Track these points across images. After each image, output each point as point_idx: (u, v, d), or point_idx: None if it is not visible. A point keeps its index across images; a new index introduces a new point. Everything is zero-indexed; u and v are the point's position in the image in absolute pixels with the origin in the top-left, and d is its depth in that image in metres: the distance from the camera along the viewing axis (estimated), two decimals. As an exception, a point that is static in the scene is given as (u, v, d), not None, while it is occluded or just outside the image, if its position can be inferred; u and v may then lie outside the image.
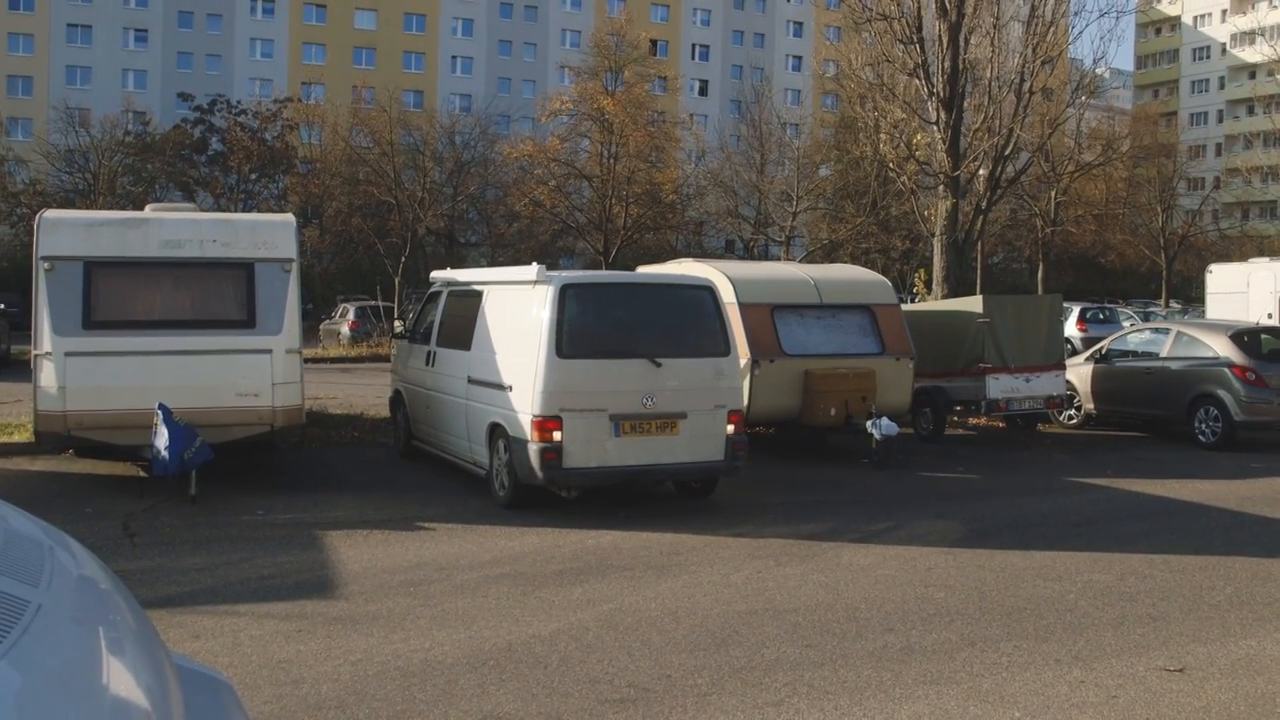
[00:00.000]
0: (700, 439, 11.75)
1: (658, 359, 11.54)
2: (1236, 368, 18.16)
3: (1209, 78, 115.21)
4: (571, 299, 11.53)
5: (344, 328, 40.35)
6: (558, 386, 11.19)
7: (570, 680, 6.78)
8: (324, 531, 10.84)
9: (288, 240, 13.30)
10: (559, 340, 11.27)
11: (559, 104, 58.83)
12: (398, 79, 76.10)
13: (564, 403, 11.20)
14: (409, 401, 15.25)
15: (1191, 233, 70.11)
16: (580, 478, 11.50)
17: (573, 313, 11.49)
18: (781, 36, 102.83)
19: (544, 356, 11.22)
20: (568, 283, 11.67)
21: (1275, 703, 6.61)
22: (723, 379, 11.96)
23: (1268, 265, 26.50)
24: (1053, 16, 25.59)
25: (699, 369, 11.85)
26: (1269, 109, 45.30)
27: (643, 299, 12.43)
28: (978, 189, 24.96)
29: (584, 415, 11.26)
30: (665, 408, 11.55)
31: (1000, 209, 50.24)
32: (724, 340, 12.10)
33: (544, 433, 11.15)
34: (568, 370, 11.27)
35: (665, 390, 11.54)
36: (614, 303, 12.21)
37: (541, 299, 11.53)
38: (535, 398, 11.21)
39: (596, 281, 12.79)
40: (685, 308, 12.29)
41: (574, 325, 11.45)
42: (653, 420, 11.51)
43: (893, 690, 6.71)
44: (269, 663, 7.01)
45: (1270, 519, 12.43)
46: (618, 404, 11.37)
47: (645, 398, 11.44)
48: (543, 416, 11.16)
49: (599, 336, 11.75)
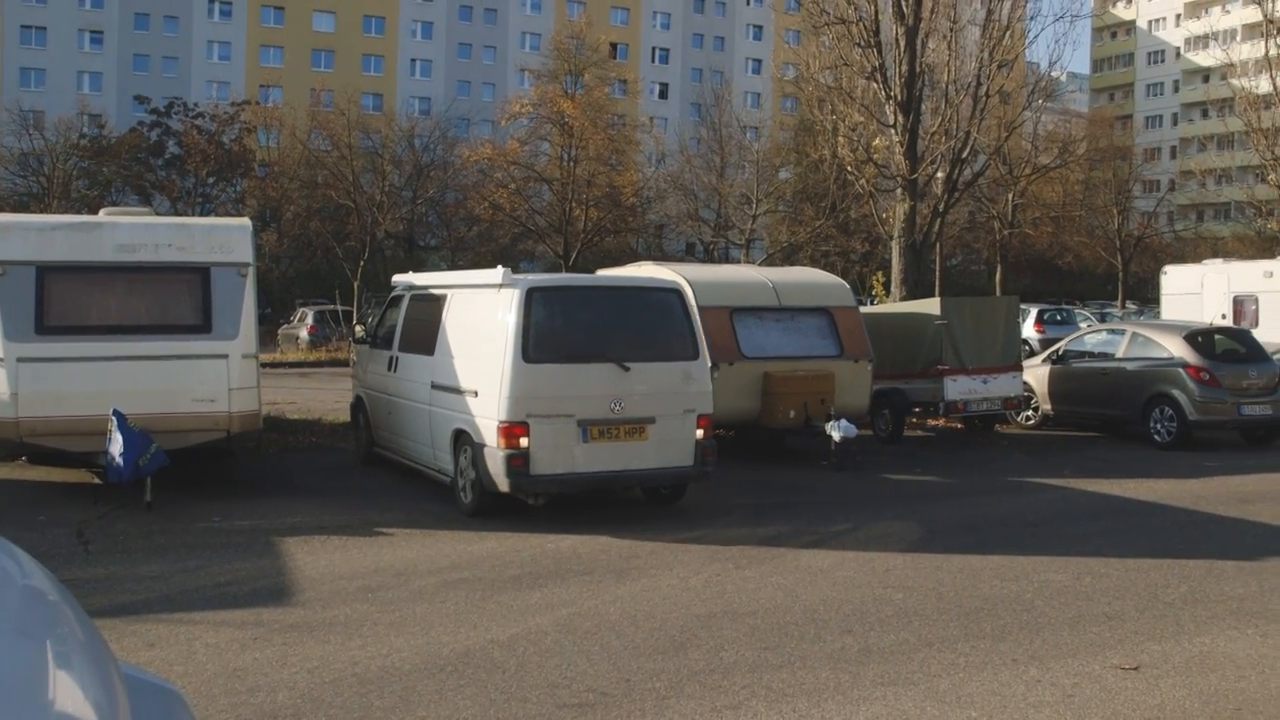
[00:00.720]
0: (669, 444, 11.59)
1: (626, 363, 11.38)
2: (1191, 368, 18.34)
3: (1164, 81, 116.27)
4: (538, 302, 11.34)
5: (302, 332, 40.22)
6: (524, 392, 11.01)
7: (528, 685, 6.76)
8: (281, 538, 10.77)
9: (244, 244, 13.21)
10: (525, 345, 11.09)
11: (519, 107, 58.79)
12: (356, 82, 75.73)
13: (531, 408, 11.01)
14: (370, 408, 15.01)
15: (1147, 234, 70.79)
16: (548, 484, 11.28)
17: (539, 316, 11.31)
18: (741, 40, 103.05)
19: (510, 361, 11.03)
20: (534, 286, 11.50)
21: (1228, 700, 6.67)
22: (692, 383, 11.78)
23: (1221, 267, 26.77)
24: (1009, 21, 25.79)
25: (667, 373, 11.69)
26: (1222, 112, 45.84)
27: (610, 302, 12.27)
28: (935, 191, 25.12)
29: (551, 421, 11.07)
30: (634, 413, 11.38)
31: (958, 211, 50.59)
32: (693, 344, 11.93)
33: (510, 439, 10.96)
34: (534, 375, 11.09)
35: (634, 395, 11.37)
36: (581, 306, 12.03)
37: (507, 302, 11.35)
38: (501, 403, 11.03)
39: (563, 285, 12.60)
40: (653, 311, 12.15)
41: (541, 329, 11.27)
42: (621, 425, 11.34)
43: (851, 692, 6.73)
44: (224, 671, 6.95)
45: (1224, 517, 12.55)
46: (585, 409, 11.20)
47: (613, 403, 11.27)
48: (509, 422, 10.97)
49: (566, 341, 11.59)
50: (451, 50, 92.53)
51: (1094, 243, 71.27)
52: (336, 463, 15.65)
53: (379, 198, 50.14)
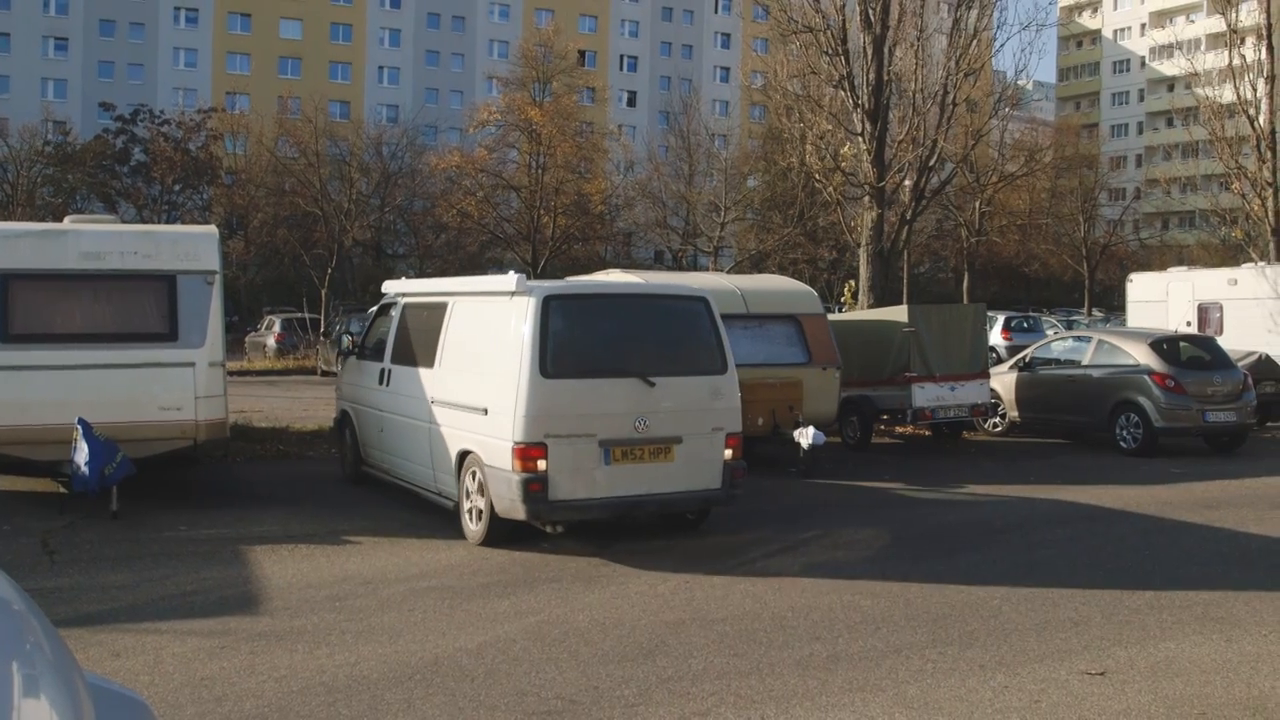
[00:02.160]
0: (696, 465, 10.77)
1: (651, 378, 10.53)
2: (1156, 375, 18.49)
3: (1129, 90, 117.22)
4: (555, 312, 10.41)
5: (270, 340, 40.07)
6: (542, 410, 10.08)
7: (497, 693, 6.75)
8: (248, 547, 10.71)
9: (210, 252, 13.14)
10: (542, 358, 10.16)
11: (486, 115, 58.83)
12: (324, 89, 75.45)
13: (549, 428, 10.09)
14: (359, 424, 14.09)
15: (1113, 242, 71.28)
16: (568, 511, 10.36)
17: (557, 327, 10.38)
18: (709, 48, 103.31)
19: (526, 376, 10.10)
20: (551, 294, 10.55)
21: (1193, 704, 6.72)
22: (720, 399, 10.96)
23: (1186, 274, 26.98)
24: (975, 29, 25.93)
25: (695, 388, 10.87)
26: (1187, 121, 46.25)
27: (633, 312, 11.36)
28: (903, 199, 25.23)
29: (571, 441, 10.18)
30: (659, 431, 10.51)
31: (925, 219, 50.86)
32: (720, 356, 11.10)
33: (527, 461, 10.03)
34: (553, 391, 10.17)
35: (659, 412, 10.53)
36: (602, 316, 11.09)
37: (521, 312, 10.41)
38: (517, 422, 10.07)
39: (583, 293, 11.51)
40: (679, 321, 11.33)
41: (559, 341, 10.36)
42: (646, 446, 10.48)
43: (819, 698, 6.74)
44: (191, 680, 6.91)
45: (1189, 523, 12.64)
46: (608, 428, 10.30)
47: (638, 420, 10.39)
48: (525, 443, 10.04)
49: (586, 353, 10.72)
50: (419, 58, 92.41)
51: (1060, 250, 71.78)
52: (304, 472, 15.58)
53: (346, 205, 50.05)
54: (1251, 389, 19.26)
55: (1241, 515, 13.15)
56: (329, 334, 35.89)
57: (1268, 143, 30.96)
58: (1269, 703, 6.80)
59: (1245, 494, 14.83)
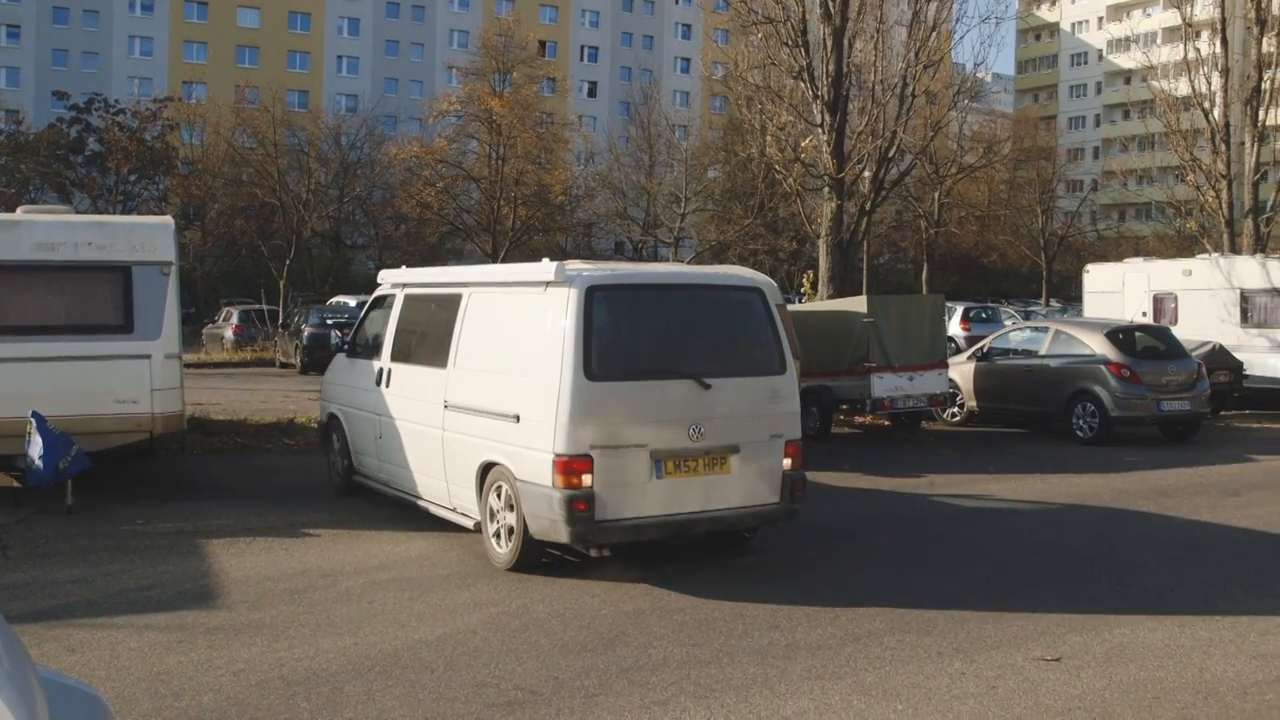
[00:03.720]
0: (754, 477, 9.59)
1: (706, 379, 9.39)
2: (1112, 365, 18.66)
3: (1087, 83, 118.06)
4: (600, 304, 9.17)
5: (227, 332, 39.79)
6: (587, 417, 8.89)
7: (457, 685, 6.75)
8: (206, 540, 10.65)
9: (166, 243, 13.04)
10: (587, 358, 8.94)
11: (446, 105, 58.58)
12: (282, 79, 74.99)
13: (596, 437, 8.90)
14: (350, 429, 12.74)
15: (1070, 233, 71.78)
16: (618, 532, 9.14)
17: (603, 322, 9.17)
18: (670, 39, 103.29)
19: (569, 379, 8.88)
20: (596, 283, 9.24)
21: (1147, 689, 6.80)
22: (779, 402, 9.82)
23: (1142, 265, 27.21)
24: (935, 22, 26.04)
25: (753, 390, 9.71)
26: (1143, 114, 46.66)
27: (685, 303, 10.02)
28: (862, 191, 25.32)
29: (619, 453, 8.99)
30: (715, 440, 9.35)
31: (885, 210, 51.04)
32: (779, 354, 9.97)
33: (570, 476, 8.83)
34: (600, 396, 8.97)
35: (715, 418, 9.36)
36: (651, 308, 9.80)
37: (560, 305, 9.15)
38: (558, 431, 8.86)
39: (630, 282, 10.05)
40: (734, 314, 10.19)
41: (605, 338, 9.17)
42: (701, 456, 9.29)
43: (778, 686, 6.78)
44: (148, 675, 6.87)
45: (1144, 511, 12.77)
46: (660, 437, 9.14)
47: (693, 428, 9.22)
48: (569, 456, 8.82)
49: (636, 352, 9.53)
50: (378, 47, 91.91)
51: (1018, 242, 72.26)
52: (262, 464, 15.49)
53: (305, 196, 49.81)
54: (1205, 378, 19.48)
55: (1195, 503, 13.29)
56: (287, 326, 35.71)
57: (1222, 136, 31.26)
58: (1220, 686, 6.89)
59: (1199, 482, 14.99)
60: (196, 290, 55.50)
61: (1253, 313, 23.52)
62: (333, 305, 38.10)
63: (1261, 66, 30.88)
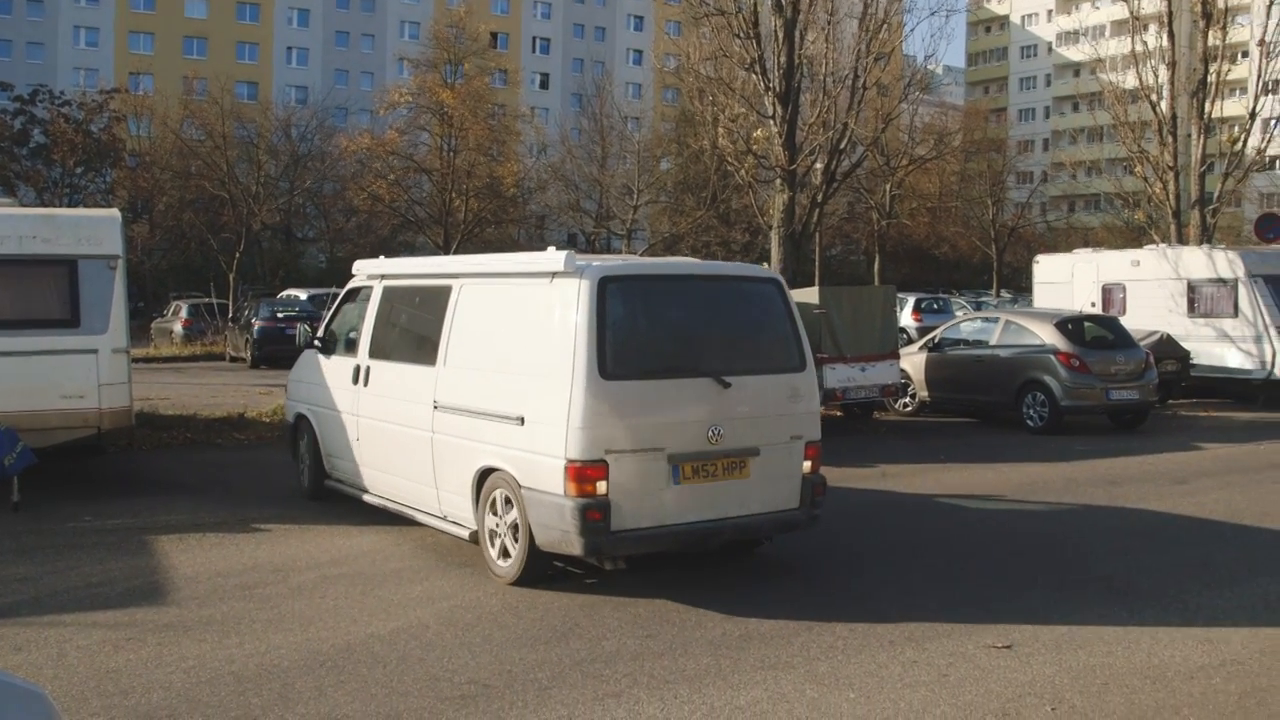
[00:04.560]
0: (774, 482, 9.09)
1: (725, 377, 8.83)
2: (1061, 354, 18.84)
3: (1036, 75, 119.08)
4: (614, 297, 8.55)
5: (176, 326, 39.49)
6: (602, 419, 8.26)
7: (410, 679, 6.72)
8: (155, 536, 10.55)
9: (113, 236, 12.91)
10: (601, 355, 8.31)
11: (397, 96, 58.21)
12: (230, 70, 74.26)
13: (611, 441, 8.28)
14: (321, 431, 11.98)
15: (1020, 225, 72.30)
16: (635, 543, 8.50)
17: (617, 316, 8.56)
18: (622, 30, 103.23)
19: (582, 378, 8.25)
20: (609, 274, 8.63)
21: (1096, 675, 6.86)
22: (799, 401, 9.33)
23: (1091, 256, 27.45)
24: (885, 14, 26.12)
25: (773, 388, 9.20)
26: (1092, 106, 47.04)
27: (700, 296, 9.43)
28: (814, 182, 25.37)
29: (636, 457, 8.39)
30: (735, 442, 8.79)
31: (837, 202, 51.23)
32: (798, 350, 9.47)
33: (584, 484, 8.22)
34: (615, 396, 8.35)
35: (735, 418, 8.82)
36: (666, 302, 9.18)
37: (570, 297, 8.52)
38: (570, 435, 8.23)
39: (645, 273, 9.58)
40: (751, 307, 9.59)
41: (620, 334, 8.56)
42: (720, 460, 8.75)
43: (731, 677, 6.79)
44: (97, 673, 6.80)
45: (1093, 499, 12.88)
46: (679, 439, 8.56)
47: (711, 429, 8.66)
48: (582, 462, 8.21)
49: (652, 348, 8.94)
50: (329, 38, 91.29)
51: (969, 233, 72.73)
52: (213, 459, 15.37)
53: (255, 189, 49.47)
54: (1153, 367, 19.70)
55: (1143, 491, 13.43)
56: (238, 320, 35.45)
57: (1169, 128, 31.54)
58: (1168, 671, 6.97)
59: (1147, 470, 15.15)
60: (145, 284, 54.96)
61: (1199, 303, 23.78)
62: (284, 299, 37.83)
63: (1207, 59, 31.18)
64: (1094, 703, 6.44)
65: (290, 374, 13.14)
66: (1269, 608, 8.43)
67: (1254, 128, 32.18)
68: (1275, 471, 15.05)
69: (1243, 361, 22.82)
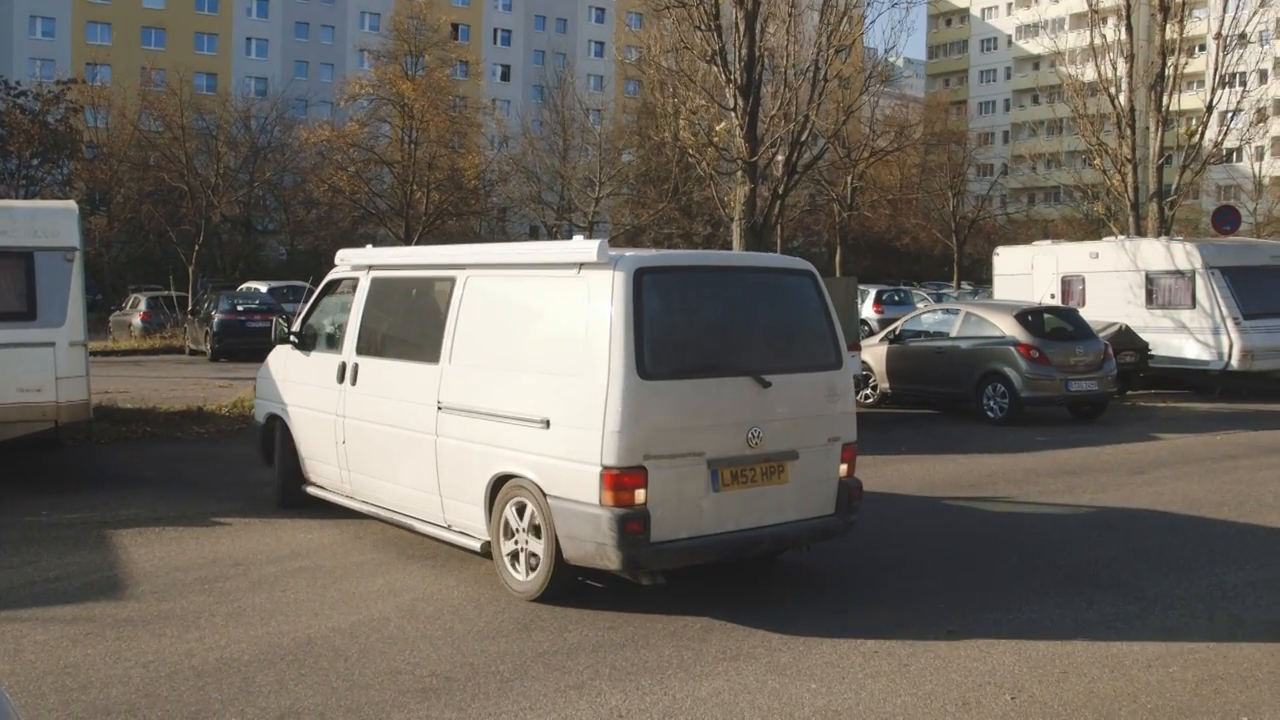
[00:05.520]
0: (811, 486, 8.58)
1: (765, 376, 8.29)
2: (1021, 346, 18.97)
3: (996, 68, 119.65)
4: (651, 290, 7.95)
5: (135, 319, 39.15)
6: (642, 422, 7.66)
7: (370, 672, 6.70)
8: (114, 530, 10.47)
9: (70, 228, 12.79)
10: (640, 352, 7.70)
11: (358, 88, 57.91)
12: (189, 61, 73.70)
13: (650, 446, 7.69)
14: (300, 433, 11.16)
15: (981, 217, 72.78)
16: (676, 555, 7.88)
17: (655, 311, 7.95)
18: (584, 22, 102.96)
19: (620, 377, 7.63)
20: (645, 266, 8.03)
21: (1055, 664, 6.92)
22: (836, 400, 8.80)
23: (1050, 248, 27.64)
24: (846, 6, 26.14)
25: (811, 387, 8.67)
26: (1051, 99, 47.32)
27: (737, 289, 8.87)
28: (775, 174, 25.41)
29: (675, 463, 7.80)
30: (773, 445, 8.26)
31: (798, 194, 51.39)
32: (834, 345, 8.91)
33: (622, 493, 7.61)
34: (655, 397, 7.75)
35: (774, 420, 8.29)
36: (704, 295, 8.60)
37: (601, 290, 7.89)
38: (607, 440, 7.62)
39: (681, 264, 9.02)
40: (787, 301, 9.03)
41: (658, 330, 7.96)
42: (759, 464, 8.21)
43: (693, 668, 6.81)
44: (54, 668, 6.74)
45: (1052, 490, 12.98)
46: (718, 444, 8.00)
47: (751, 432, 8.12)
48: (621, 468, 7.60)
49: (690, 345, 8.36)
50: (288, 29, 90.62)
51: (930, 225, 73.12)
52: (172, 452, 15.26)
53: (214, 180, 49.02)
54: (1112, 359, 19.87)
55: (1102, 481, 13.55)
56: (197, 312, 35.21)
57: (1127, 120, 31.80)
58: (1126, 660, 7.03)
59: (1106, 461, 15.27)
60: (103, 277, 54.47)
61: (1158, 294, 23.99)
62: (244, 291, 37.59)
63: (1165, 53, 31.44)
64: (1053, 691, 6.49)
65: (260, 371, 12.24)
66: (1225, 597, 8.52)
67: (1211, 121, 32.46)
68: (1231, 462, 15.21)
69: (1200, 353, 23.03)
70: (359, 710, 6.12)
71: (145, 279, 53.31)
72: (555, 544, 7.95)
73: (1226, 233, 28.91)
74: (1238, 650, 7.29)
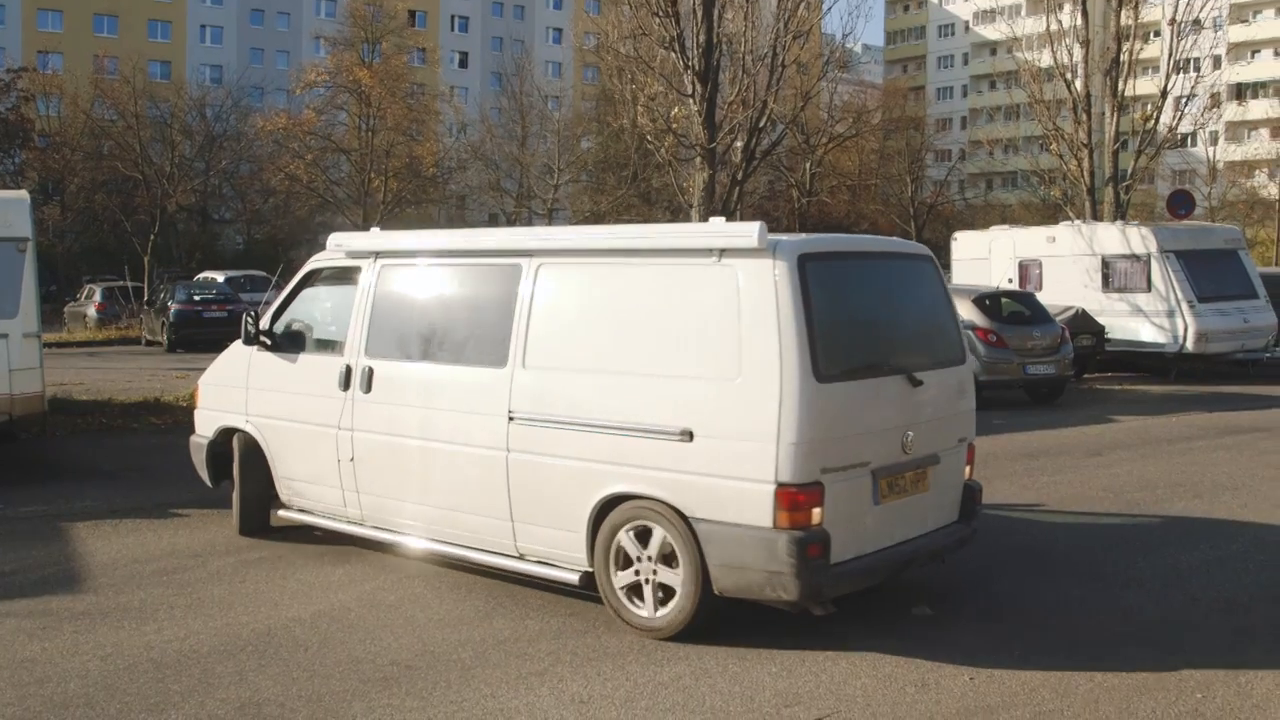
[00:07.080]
0: (945, 492, 7.94)
1: (916, 374, 7.59)
2: (979, 330, 19.07)
3: (954, 54, 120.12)
4: (815, 280, 6.98)
5: (90, 310, 38.88)
6: (821, 431, 6.78)
7: (331, 662, 6.68)
8: (70, 523, 10.39)
9: (22, 218, 12.69)
10: (814, 351, 6.77)
11: (314, 76, 57.60)
12: (142, 48, 72.83)
13: (826, 458, 6.80)
14: (279, 449, 9.55)
15: (939, 202, 73.08)
16: (849, 580, 7.06)
17: (822, 304, 6.98)
18: (542, 9, 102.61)
19: (794, 380, 6.67)
20: (808, 252, 7.08)
21: (1015, 644, 6.98)
22: (964, 399, 8.25)
23: (1008, 232, 27.81)
24: (804, -8, 26.20)
25: (948, 385, 8.03)
26: (1008, 84, 47.61)
27: (884, 278, 8.08)
28: (734, 160, 25.42)
29: (846, 476, 6.95)
30: (921, 450, 7.54)
31: (757, 180, 51.50)
32: (958, 339, 8.37)
33: (797, 512, 6.66)
34: (829, 402, 6.86)
35: (921, 422, 7.57)
36: (859, 285, 7.80)
37: (761, 281, 6.88)
38: (782, 452, 6.65)
39: (840, 250, 7.98)
40: (921, 290, 8.23)
41: (828, 326, 6.99)
42: (909, 471, 7.46)
43: (655, 653, 6.82)
44: (11, 663, 6.69)
45: (1010, 472, 13.07)
46: (879, 451, 7.21)
47: (905, 436, 7.39)
48: (798, 485, 6.66)
49: (854, 343, 7.52)
50: (243, 16, 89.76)
51: (889, 210, 73.34)
52: (128, 444, 15.14)
53: (169, 169, 48.71)
54: (1069, 342, 20.04)
55: (1060, 463, 13.67)
56: (153, 303, 34.92)
57: (1083, 106, 32.01)
58: (1083, 639, 7.11)
59: (1063, 443, 15.40)
60: (57, 267, 53.91)
61: (1114, 278, 24.19)
62: (200, 281, 37.32)
63: (1120, 39, 31.69)
64: (1011, 671, 6.54)
65: (206, 376, 10.52)
66: (1179, 576, 8.62)
67: (1166, 105, 32.73)
68: (1187, 443, 15.37)
69: (1156, 335, 23.26)
70: (320, 700, 6.10)
71: (100, 269, 52.81)
72: (702, 573, 6.94)
73: (1181, 217, 29.16)
74: (1192, 628, 7.37)
